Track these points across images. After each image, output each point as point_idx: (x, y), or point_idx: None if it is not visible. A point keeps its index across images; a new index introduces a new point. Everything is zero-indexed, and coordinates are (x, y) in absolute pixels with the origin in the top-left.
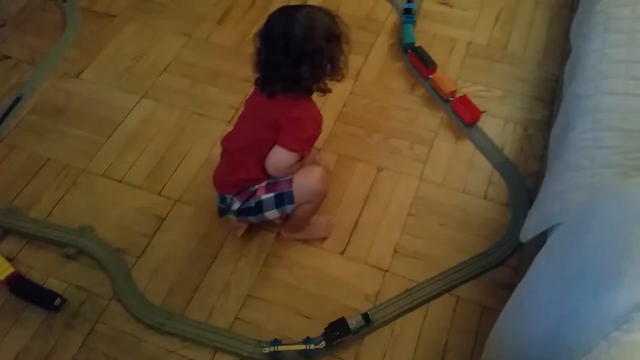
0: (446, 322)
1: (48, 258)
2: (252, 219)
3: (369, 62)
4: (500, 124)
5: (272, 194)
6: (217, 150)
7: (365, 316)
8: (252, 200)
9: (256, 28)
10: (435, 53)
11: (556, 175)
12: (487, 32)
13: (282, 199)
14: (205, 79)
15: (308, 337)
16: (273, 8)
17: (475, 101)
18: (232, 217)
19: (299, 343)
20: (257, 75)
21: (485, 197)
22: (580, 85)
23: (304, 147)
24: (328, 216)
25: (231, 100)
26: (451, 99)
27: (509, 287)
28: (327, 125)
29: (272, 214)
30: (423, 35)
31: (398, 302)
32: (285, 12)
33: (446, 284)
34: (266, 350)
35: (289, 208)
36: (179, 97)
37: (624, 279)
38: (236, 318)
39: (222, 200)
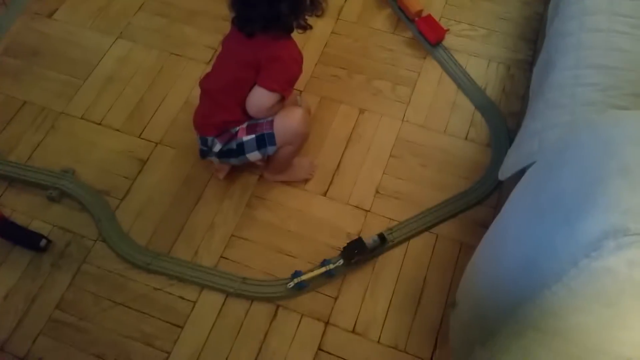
0: (425, 259)
1: (31, 200)
2: (234, 160)
3: (350, 0)
4: (483, 63)
5: (253, 136)
6: (197, 92)
7: (380, 236)
8: (233, 141)
9: None
10: None
11: (536, 114)
12: None
13: (263, 140)
14: (182, 18)
15: (325, 259)
16: None
17: (459, 40)
18: (214, 159)
19: (317, 267)
20: (233, 14)
21: (466, 138)
22: (563, 21)
23: (284, 87)
24: (310, 158)
25: (209, 40)
26: (417, 19)
27: (487, 225)
28: (308, 66)
29: (254, 155)
30: None
31: (410, 225)
32: None
33: (425, 222)
34: (290, 285)
35: (270, 149)
36: (155, 37)
37: (595, 208)
38: (221, 257)
39: (203, 142)
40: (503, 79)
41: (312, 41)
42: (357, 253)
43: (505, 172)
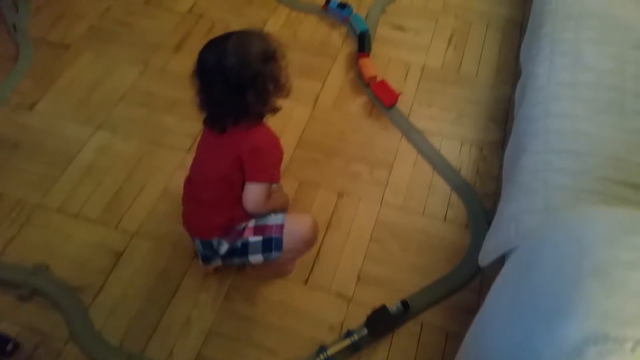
0: (411, 351)
1: (0, 301)
2: (236, 261)
3: (326, 87)
4: (456, 145)
5: (260, 238)
6: (175, 181)
7: (404, 302)
8: (239, 240)
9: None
10: (392, 76)
11: (510, 198)
12: (440, 55)
13: (270, 245)
14: (162, 108)
15: (349, 330)
16: None
17: (432, 124)
18: (216, 262)
19: (342, 339)
20: (204, 115)
21: (445, 220)
22: (530, 107)
23: (273, 174)
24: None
25: (189, 128)
26: (371, 83)
27: (472, 311)
28: (287, 151)
29: (256, 258)
30: (379, 59)
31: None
32: (214, 45)
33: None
34: None
35: (274, 254)
36: (135, 127)
37: (573, 313)
38: (198, 356)
39: (207, 246)
40: (476, 160)
41: (290, 126)
42: (381, 322)
43: (485, 258)
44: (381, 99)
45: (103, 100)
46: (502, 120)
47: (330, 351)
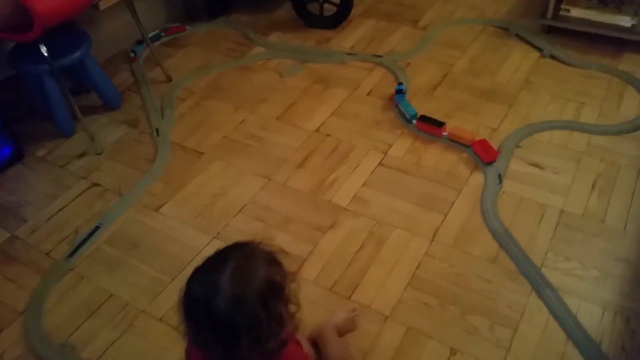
0: None
1: None
2: None
3: (447, 221)
4: (597, 311)
5: None
6: None
7: None
8: None
9: (335, 175)
10: (523, 219)
11: None
12: (582, 200)
13: None
14: (277, 224)
15: None
16: (354, 154)
17: (569, 280)
18: None
19: None
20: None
21: None
22: None
23: None
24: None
25: (300, 249)
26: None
27: None
28: (397, 289)
29: None
30: (510, 197)
31: None
32: (206, 276)
33: None
34: None
35: None
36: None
37: None
38: None
39: None
40: (621, 334)
41: (403, 260)
42: None
43: None
44: (480, 156)
45: (224, 209)
46: None
47: None
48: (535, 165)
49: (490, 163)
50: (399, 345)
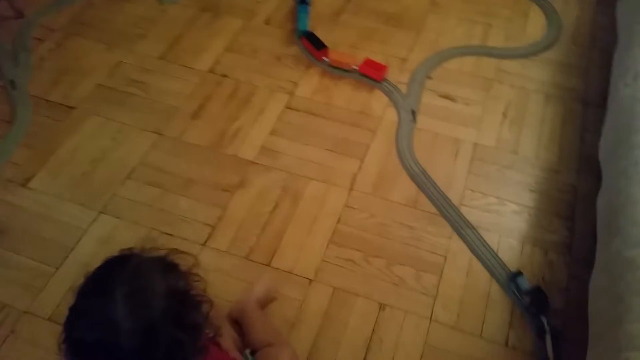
0: None
1: None
2: None
3: (365, 168)
4: (516, 246)
5: None
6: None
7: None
8: None
9: (237, 124)
10: (439, 157)
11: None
12: (494, 131)
13: None
14: (176, 188)
15: None
16: (257, 98)
17: (487, 216)
18: None
19: None
20: None
21: (507, 345)
22: (629, 246)
23: None
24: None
25: (206, 216)
26: (355, 66)
27: None
28: (319, 248)
29: None
30: (425, 134)
31: None
32: (93, 316)
33: None
34: None
35: None
36: (144, 212)
37: None
38: None
39: None
40: (541, 267)
41: (323, 215)
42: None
43: None
44: (372, 76)
45: (108, 176)
46: (567, 215)
47: None
48: (447, 97)
49: (384, 80)
50: (327, 309)
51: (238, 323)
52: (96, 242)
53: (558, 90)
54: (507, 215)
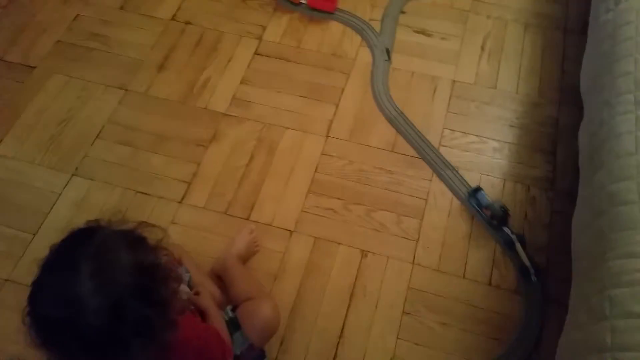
0: None
1: None
2: None
3: (340, 113)
4: (498, 184)
5: None
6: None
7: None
8: None
9: (206, 74)
10: (416, 97)
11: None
12: (472, 66)
13: None
14: (148, 145)
15: None
16: (224, 45)
17: (468, 156)
18: None
19: None
20: None
21: (490, 284)
22: (613, 179)
23: None
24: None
25: (181, 172)
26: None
27: None
28: (298, 197)
29: None
30: (401, 74)
31: None
32: (58, 292)
33: None
34: None
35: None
36: (117, 172)
37: None
38: None
39: None
40: (523, 203)
41: (300, 165)
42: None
43: None
44: (323, 8)
45: (78, 137)
46: (549, 150)
47: None
48: (422, 32)
49: (335, 10)
50: (309, 259)
51: (221, 279)
52: (71, 206)
53: (537, 19)
54: (487, 153)
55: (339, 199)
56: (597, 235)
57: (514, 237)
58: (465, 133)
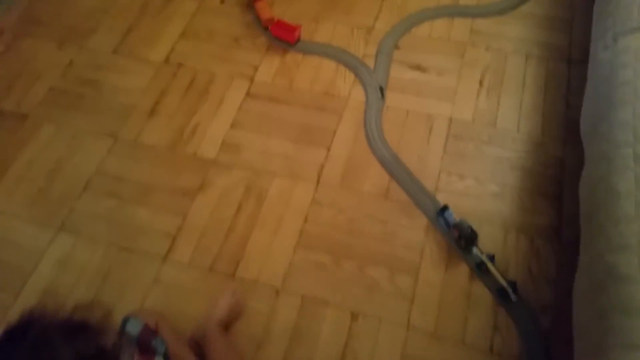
0: None
1: None
2: None
3: (332, 157)
4: (499, 234)
5: None
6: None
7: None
8: None
9: (196, 118)
10: (411, 137)
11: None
12: (470, 102)
13: None
14: (134, 197)
15: None
16: (216, 87)
17: (466, 201)
18: None
19: None
20: None
21: (491, 351)
22: (611, 249)
23: None
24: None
25: (166, 225)
26: (267, 28)
27: None
28: (286, 252)
29: None
30: (395, 113)
31: None
32: None
33: None
34: None
35: None
36: (102, 227)
37: None
38: None
39: None
40: (527, 256)
41: (289, 216)
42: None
43: None
44: (285, 39)
45: (65, 189)
46: (554, 194)
47: None
48: (417, 67)
49: (297, 41)
50: (296, 322)
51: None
52: (54, 265)
53: (539, 49)
54: (487, 198)
55: (328, 252)
56: (597, 315)
57: (483, 256)
58: (462, 176)
